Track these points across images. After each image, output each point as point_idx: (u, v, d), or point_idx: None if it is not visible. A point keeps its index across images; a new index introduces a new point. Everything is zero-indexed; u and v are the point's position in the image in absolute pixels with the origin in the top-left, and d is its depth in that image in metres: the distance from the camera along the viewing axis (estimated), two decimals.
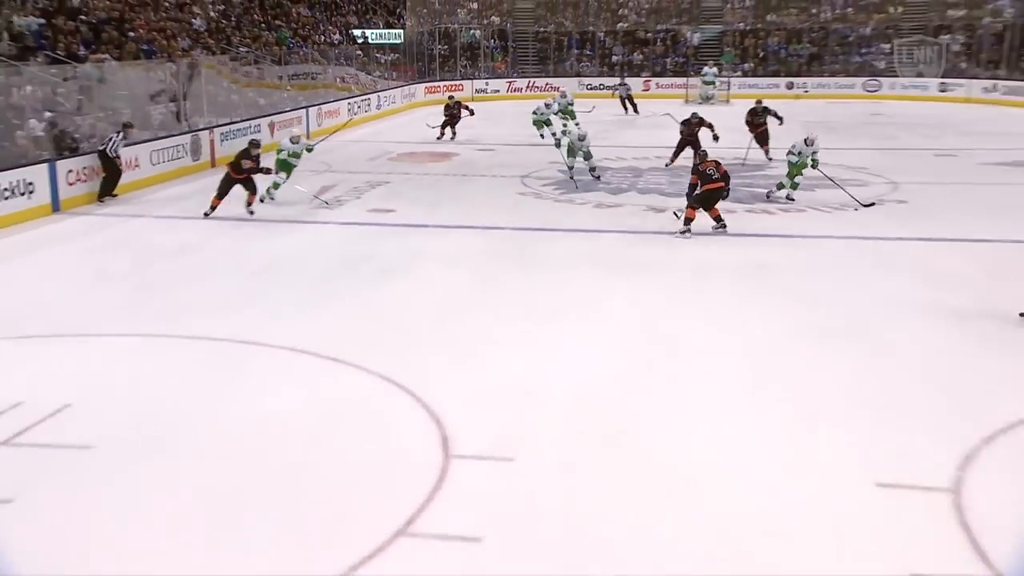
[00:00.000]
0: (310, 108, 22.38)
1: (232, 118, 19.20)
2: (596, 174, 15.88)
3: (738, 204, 13.52)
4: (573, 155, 15.57)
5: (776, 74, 33.49)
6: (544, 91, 30.45)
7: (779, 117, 17.55)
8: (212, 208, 13.05)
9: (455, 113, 21.51)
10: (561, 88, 27.55)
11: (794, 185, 13.82)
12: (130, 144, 14.72)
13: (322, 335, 8.17)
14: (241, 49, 23.50)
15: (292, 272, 10.54)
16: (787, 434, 6.31)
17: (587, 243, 11.95)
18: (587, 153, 15.53)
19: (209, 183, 15.77)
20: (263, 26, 27.01)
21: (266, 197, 13.74)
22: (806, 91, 32.01)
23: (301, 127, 20.43)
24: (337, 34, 31.12)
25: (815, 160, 13.57)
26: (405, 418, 6.55)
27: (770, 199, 14.06)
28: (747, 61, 34.45)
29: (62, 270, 10.81)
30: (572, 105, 21.96)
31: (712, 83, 30.74)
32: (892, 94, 31.50)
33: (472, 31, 36.20)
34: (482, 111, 24.48)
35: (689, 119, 16.87)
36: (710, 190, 11.77)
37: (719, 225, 11.95)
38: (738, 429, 6.40)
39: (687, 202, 12.02)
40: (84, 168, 14.00)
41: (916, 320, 8.64)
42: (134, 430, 6.38)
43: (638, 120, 25.76)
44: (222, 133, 18.02)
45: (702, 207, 11.86)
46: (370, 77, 29.24)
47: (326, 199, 13.88)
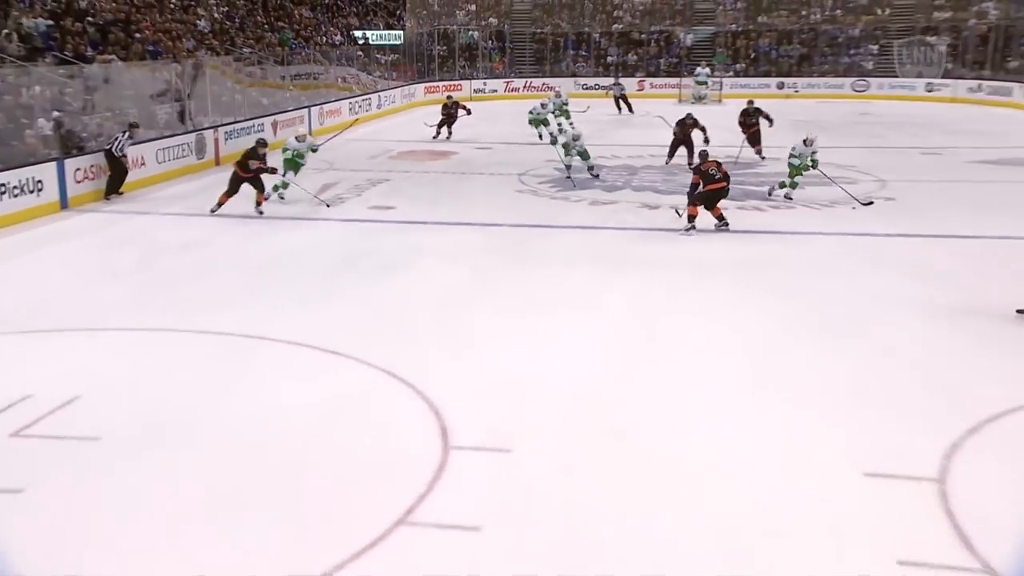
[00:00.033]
0: (312, 108, 22.33)
1: (236, 117, 19.16)
2: (595, 172, 15.87)
3: (730, 202, 13.40)
4: (569, 154, 15.56)
5: (767, 74, 33.49)
6: (541, 91, 30.45)
7: (769, 119, 17.53)
8: (219, 205, 13.02)
9: (452, 113, 21.42)
10: (556, 88, 27.46)
11: (793, 185, 13.79)
12: (136, 143, 14.70)
13: (324, 329, 8.17)
14: (245, 50, 23.49)
15: (295, 268, 10.54)
16: (779, 426, 6.32)
17: (583, 239, 11.95)
18: (583, 153, 15.50)
19: (213, 181, 15.78)
20: (266, 27, 26.99)
21: (272, 195, 13.67)
22: (796, 91, 31.99)
23: (305, 126, 20.44)
24: (338, 35, 31.09)
25: (815, 160, 13.51)
26: (405, 410, 6.55)
27: (771, 197, 14.01)
28: (739, 62, 34.43)
29: (70, 266, 10.80)
30: (567, 105, 21.89)
31: (705, 83, 30.71)
32: (880, 94, 31.49)
33: (470, 32, 36.14)
34: (480, 110, 24.48)
35: (684, 119, 16.85)
36: (713, 190, 11.70)
37: (722, 224, 11.88)
38: (732, 422, 6.41)
39: (688, 201, 11.97)
40: (91, 166, 13.97)
41: (905, 315, 8.65)
42: (140, 422, 6.39)
43: (632, 119, 25.74)
44: (226, 132, 18.00)
45: (704, 206, 11.80)
46: (371, 77, 29.20)
47: (326, 200, 13.76)
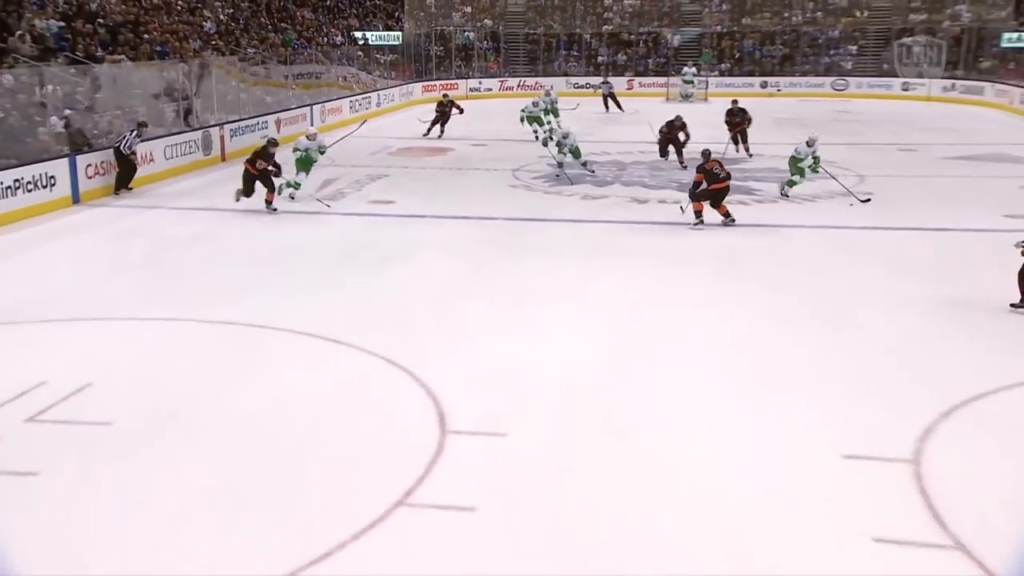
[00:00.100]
0: (314, 106, 22.30)
1: (241, 115, 19.11)
2: (590, 168, 15.81)
3: None
4: (562, 152, 15.48)
5: (751, 74, 33.46)
6: (534, 89, 30.29)
7: (749, 120, 17.56)
8: (237, 197, 12.73)
9: (446, 111, 21.20)
10: (545, 87, 27.13)
11: (791, 183, 13.63)
12: (145, 140, 14.64)
13: (326, 319, 8.17)
14: (249, 50, 23.39)
15: (298, 260, 10.51)
16: (761, 410, 6.34)
17: (575, 232, 11.95)
18: (575, 150, 15.44)
19: (219, 176, 15.78)
20: (270, 28, 26.88)
21: (284, 192, 13.37)
22: (779, 90, 31.99)
23: (314, 125, 20.29)
24: (339, 36, 30.96)
25: (816, 158, 13.30)
26: (404, 396, 6.56)
27: (788, 198, 13.67)
28: (724, 62, 34.38)
29: (82, 258, 10.77)
30: (556, 103, 21.77)
31: (691, 82, 30.67)
32: (858, 92, 31.48)
33: (466, 33, 36.01)
34: (476, 108, 24.43)
35: (673, 121, 16.69)
36: (717, 189, 11.54)
37: (728, 220, 11.74)
38: (716, 407, 6.43)
39: (689, 198, 11.84)
40: (102, 162, 13.92)
41: (883, 305, 8.67)
42: (150, 408, 6.38)
43: (622, 117, 25.68)
44: (231, 129, 17.95)
45: (711, 203, 11.66)
46: (370, 76, 29.09)
47: (325, 200, 13.42)
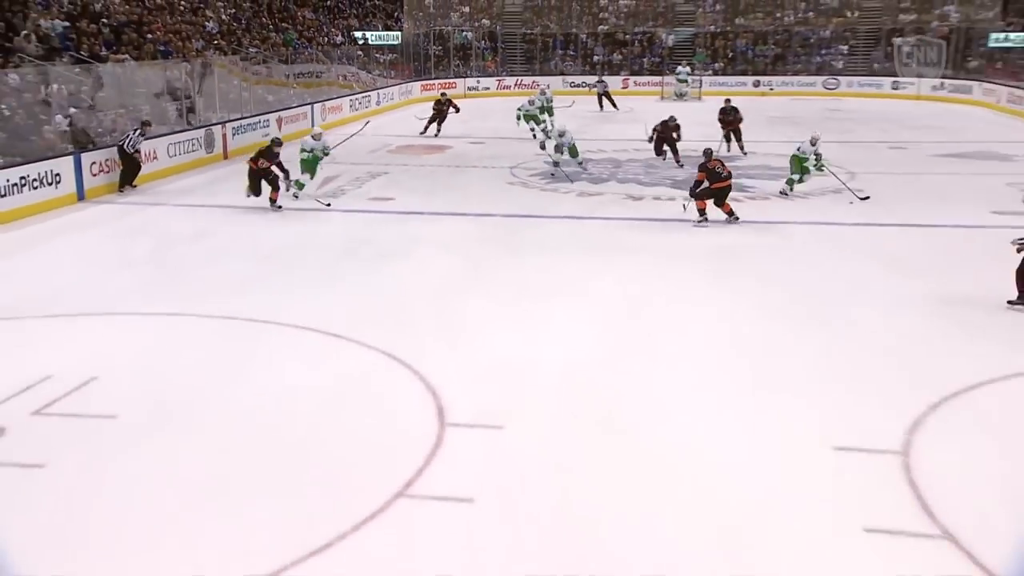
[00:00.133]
0: (315, 104, 22.26)
1: (243, 114, 19.07)
2: (584, 167, 15.73)
3: None
4: (559, 151, 15.35)
5: (744, 73, 33.43)
6: (531, 88, 30.21)
7: (740, 118, 17.60)
8: (248, 194, 12.64)
9: (443, 110, 21.08)
10: (540, 85, 26.95)
11: (790, 182, 13.54)
12: (149, 138, 14.60)
13: (327, 314, 8.16)
14: (251, 50, 23.33)
15: (299, 256, 10.50)
16: (755, 403, 6.35)
17: (572, 229, 11.93)
18: (572, 149, 15.34)
19: (221, 174, 15.77)
20: (271, 28, 26.82)
21: (292, 187, 13.16)
22: (771, 89, 31.96)
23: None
24: (339, 36, 30.88)
25: (818, 155, 13.17)
26: (404, 390, 6.55)
27: (787, 196, 13.60)
28: (717, 61, 34.34)
29: (87, 254, 10.75)
30: (551, 102, 21.70)
31: (685, 81, 30.63)
32: (849, 91, 31.42)
33: (464, 33, 35.94)
34: (473, 107, 24.42)
35: (667, 121, 16.58)
36: (719, 188, 11.46)
37: (732, 218, 11.67)
38: (711, 400, 6.44)
39: (690, 196, 11.75)
40: (107, 160, 13.89)
41: (873, 299, 8.68)
42: (155, 401, 6.38)
43: (616, 116, 25.65)
44: (233, 128, 17.91)
45: (715, 202, 11.58)
46: (370, 75, 29.03)
47: (323, 200, 13.18)
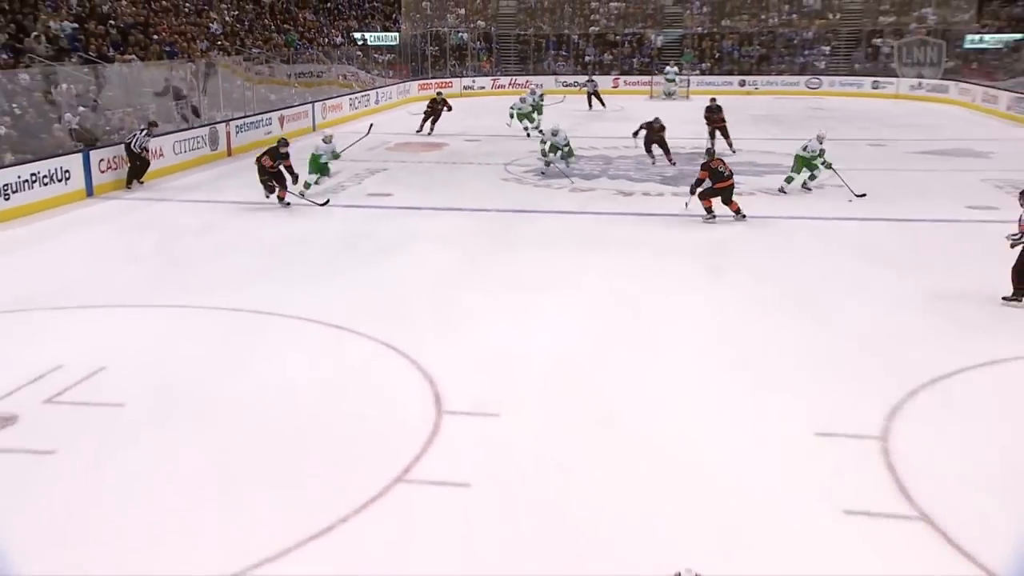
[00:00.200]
0: (315, 103, 22.18)
1: (246, 112, 18.99)
2: (569, 168, 15.45)
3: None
4: (554, 149, 15.10)
5: (730, 73, 33.36)
6: (525, 87, 30.13)
7: (723, 117, 17.47)
8: (267, 195, 12.48)
9: (438, 109, 20.93)
10: (531, 84, 26.72)
11: (789, 180, 13.44)
12: (155, 136, 14.53)
13: (328, 306, 8.15)
14: (253, 50, 23.22)
15: (301, 250, 10.47)
16: (740, 390, 6.37)
17: (564, 223, 11.93)
18: (567, 149, 15.06)
19: (226, 170, 15.73)
20: (273, 30, 26.69)
21: (300, 186, 12.93)
22: (756, 88, 31.93)
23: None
24: (339, 36, 30.73)
25: (822, 151, 13.07)
26: (402, 380, 6.56)
27: (784, 193, 13.51)
28: (705, 61, 34.26)
29: (95, 248, 10.72)
30: (542, 100, 21.57)
31: (673, 81, 30.56)
32: (831, 90, 31.38)
33: (460, 34, 35.81)
34: (469, 106, 24.36)
35: (652, 123, 16.40)
36: (722, 187, 11.37)
37: (739, 216, 11.57)
38: (697, 388, 6.46)
39: (691, 193, 11.66)
40: (115, 157, 13.84)
41: (852, 290, 8.71)
42: (161, 390, 6.38)
43: (607, 114, 25.60)
44: (237, 126, 17.85)
45: (722, 200, 11.46)
46: (369, 75, 28.91)
47: (318, 200, 12.71)
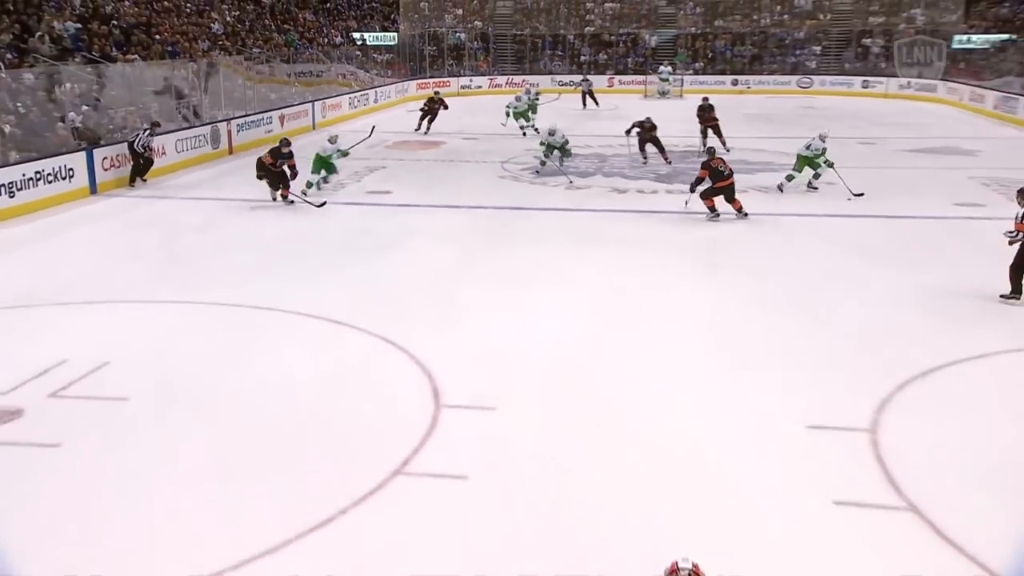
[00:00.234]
0: (315, 102, 22.13)
1: (247, 111, 18.94)
2: (563, 160, 15.42)
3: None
4: (551, 149, 14.93)
5: (723, 72, 33.33)
6: (521, 87, 30.07)
7: (715, 116, 17.40)
8: (274, 196, 12.40)
9: (435, 108, 20.80)
10: (526, 83, 26.48)
11: (790, 178, 13.36)
12: (158, 134, 14.49)
13: (328, 301, 8.14)
14: (254, 50, 23.16)
15: (301, 247, 10.46)
16: (733, 384, 6.39)
17: (560, 220, 11.92)
18: (564, 148, 14.88)
19: (227, 168, 15.69)
20: (273, 30, 26.61)
21: (302, 186, 12.84)
22: (748, 87, 31.92)
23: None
24: (338, 36, 30.65)
25: (824, 150, 13.01)
26: (400, 374, 6.56)
27: (783, 191, 13.41)
28: (698, 61, 34.24)
29: (99, 245, 10.69)
30: (537, 100, 21.50)
31: (667, 80, 30.52)
32: (822, 90, 31.36)
33: (457, 34, 35.74)
34: (466, 105, 24.31)
35: (643, 122, 16.32)
36: (723, 186, 11.32)
37: (741, 214, 11.52)
38: (692, 381, 6.48)
39: (690, 191, 11.65)
40: (117, 156, 13.80)
41: (843, 285, 8.72)
42: (164, 384, 6.37)
43: (602, 112, 25.58)
44: (238, 124, 17.80)
45: (725, 198, 11.41)
46: (368, 74, 28.83)
47: (315, 202, 12.47)
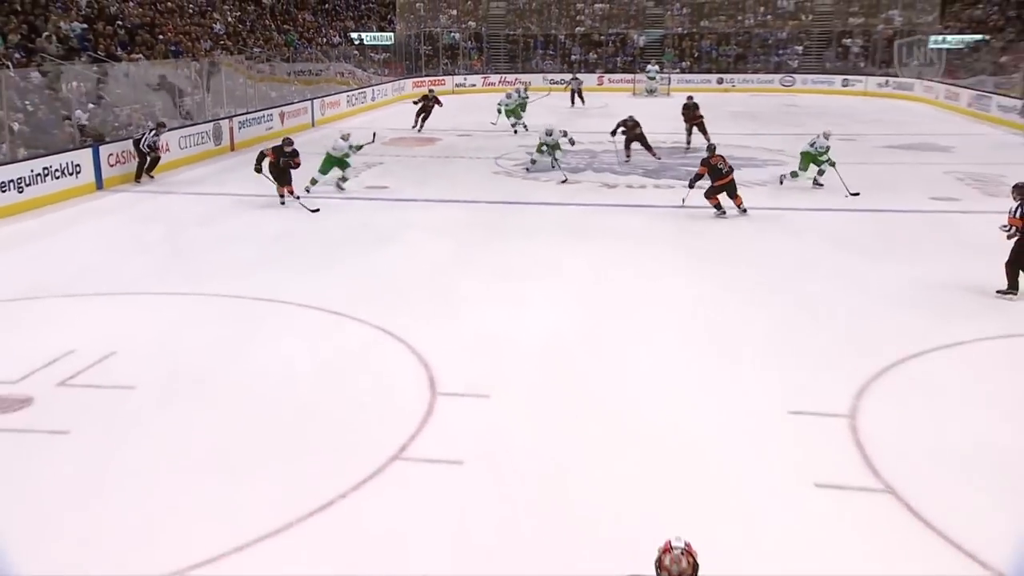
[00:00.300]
0: (314, 100, 22.04)
1: (248, 109, 18.86)
2: (557, 164, 15.25)
3: (676, 181, 13.52)
4: (544, 149, 14.68)
5: (708, 71, 33.30)
6: (514, 85, 29.99)
7: (701, 114, 17.32)
8: (289, 194, 12.09)
9: (428, 106, 20.66)
10: (517, 82, 26.36)
11: (794, 175, 13.31)
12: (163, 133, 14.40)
13: (327, 293, 8.13)
14: (255, 50, 23.05)
15: (302, 240, 10.44)
16: (716, 371, 6.41)
17: (552, 214, 11.91)
18: (556, 147, 14.77)
19: (229, 164, 15.63)
20: (273, 30, 26.49)
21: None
22: (733, 86, 31.91)
23: (317, 118, 20.15)
24: (337, 36, 30.53)
25: (827, 148, 12.95)
26: (398, 363, 6.56)
27: (783, 184, 13.44)
28: (684, 60, 34.23)
29: (105, 239, 10.64)
30: (527, 97, 21.43)
31: (655, 79, 30.51)
32: (804, 88, 31.35)
33: (452, 34, 35.63)
34: (460, 102, 24.24)
35: (626, 121, 16.18)
36: (723, 184, 11.27)
37: (741, 211, 11.47)
38: (676, 368, 6.50)
39: (688, 187, 11.61)
40: (123, 152, 13.74)
41: (824, 276, 8.75)
42: (169, 373, 6.37)
43: (591, 110, 25.52)
44: (239, 121, 17.73)
45: (727, 194, 11.35)
46: (365, 73, 28.73)
47: (310, 207, 11.96)
